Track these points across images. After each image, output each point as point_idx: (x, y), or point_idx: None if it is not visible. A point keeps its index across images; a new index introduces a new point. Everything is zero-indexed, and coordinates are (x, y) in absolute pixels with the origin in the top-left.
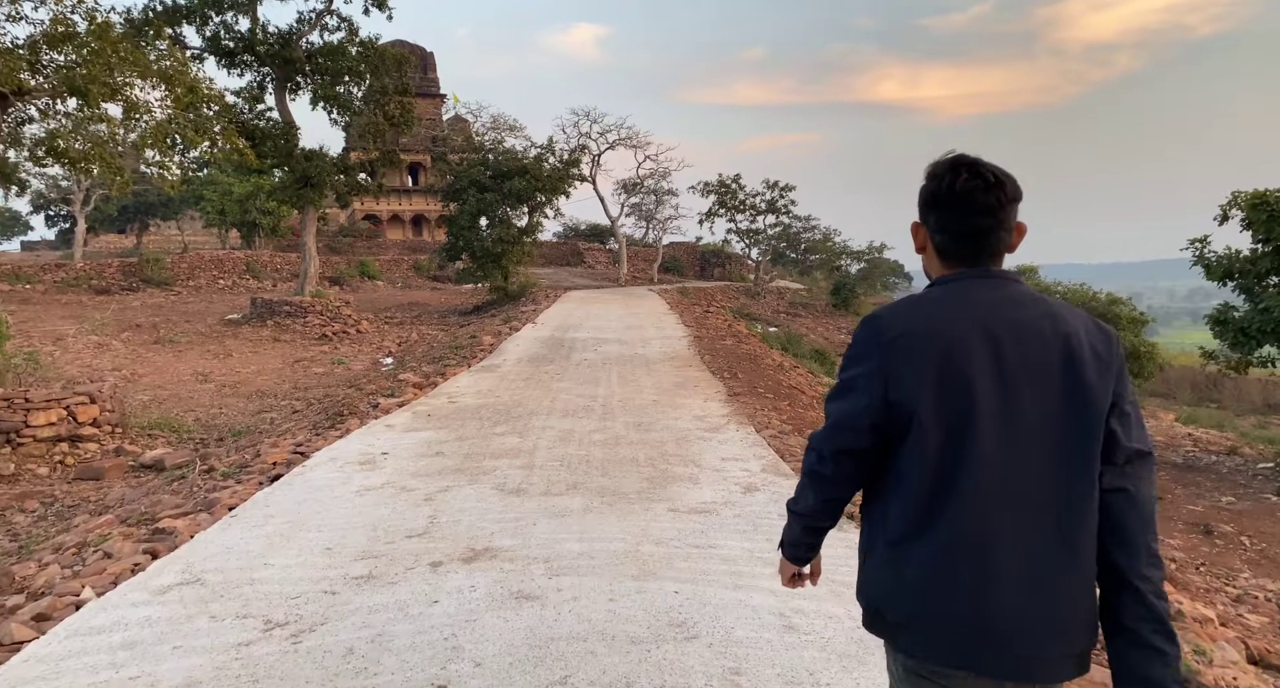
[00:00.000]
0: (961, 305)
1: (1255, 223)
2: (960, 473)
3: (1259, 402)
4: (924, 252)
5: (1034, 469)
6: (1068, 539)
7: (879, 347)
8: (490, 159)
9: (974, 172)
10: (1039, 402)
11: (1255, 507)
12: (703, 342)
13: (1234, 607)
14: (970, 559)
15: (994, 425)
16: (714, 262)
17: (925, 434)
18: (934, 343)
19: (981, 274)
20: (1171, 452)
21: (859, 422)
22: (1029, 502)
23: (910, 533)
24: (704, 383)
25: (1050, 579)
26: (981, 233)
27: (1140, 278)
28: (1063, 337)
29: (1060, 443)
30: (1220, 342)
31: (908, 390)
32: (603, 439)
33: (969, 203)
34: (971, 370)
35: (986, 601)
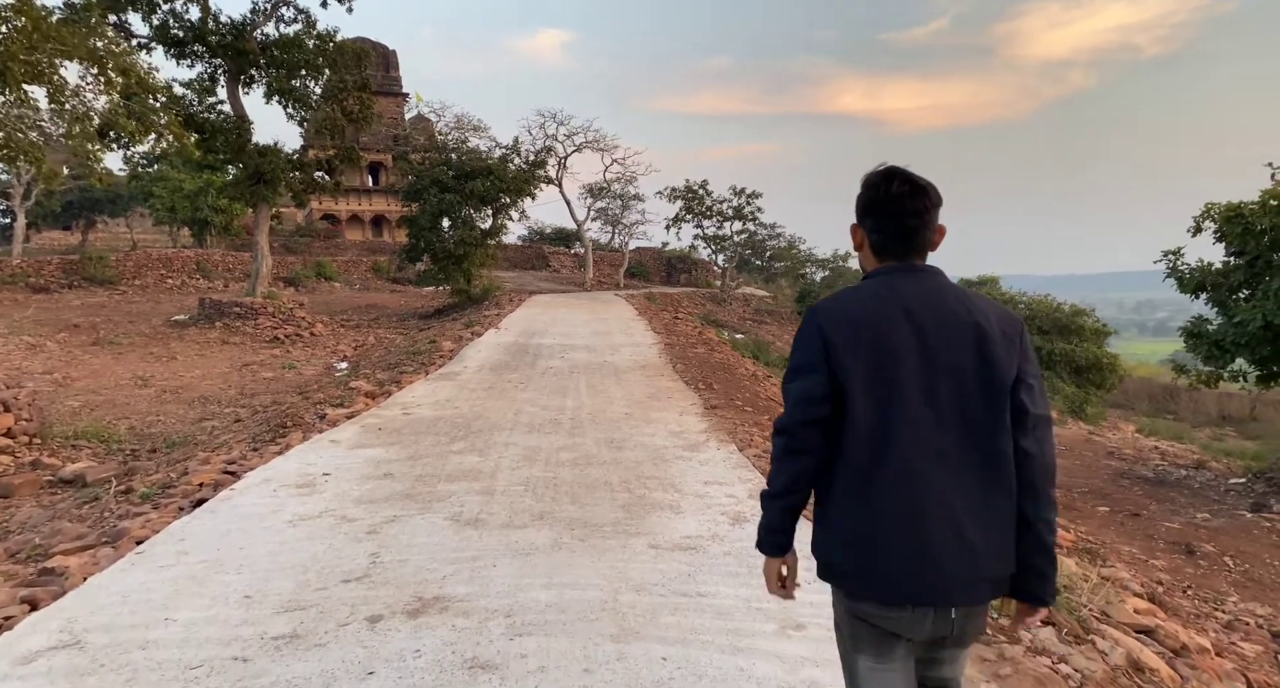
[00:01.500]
0: (891, 295)
1: (1229, 235)
2: (891, 439)
3: (1214, 414)
4: (861, 249)
5: (953, 434)
6: (985, 491)
7: (821, 332)
8: (453, 159)
9: (904, 180)
10: (955, 377)
11: (1231, 524)
12: (674, 349)
13: (1226, 634)
14: (904, 513)
15: (918, 397)
16: (680, 267)
17: (860, 407)
18: (867, 328)
19: (909, 268)
20: (1142, 466)
21: (815, 394)
22: (950, 461)
23: (853, 494)
24: (678, 394)
25: (972, 525)
26: (911, 232)
27: (1091, 289)
28: (975, 321)
29: (974, 411)
30: (1193, 354)
31: (846, 369)
32: (572, 459)
33: (900, 207)
34: (898, 351)
35: (919, 547)
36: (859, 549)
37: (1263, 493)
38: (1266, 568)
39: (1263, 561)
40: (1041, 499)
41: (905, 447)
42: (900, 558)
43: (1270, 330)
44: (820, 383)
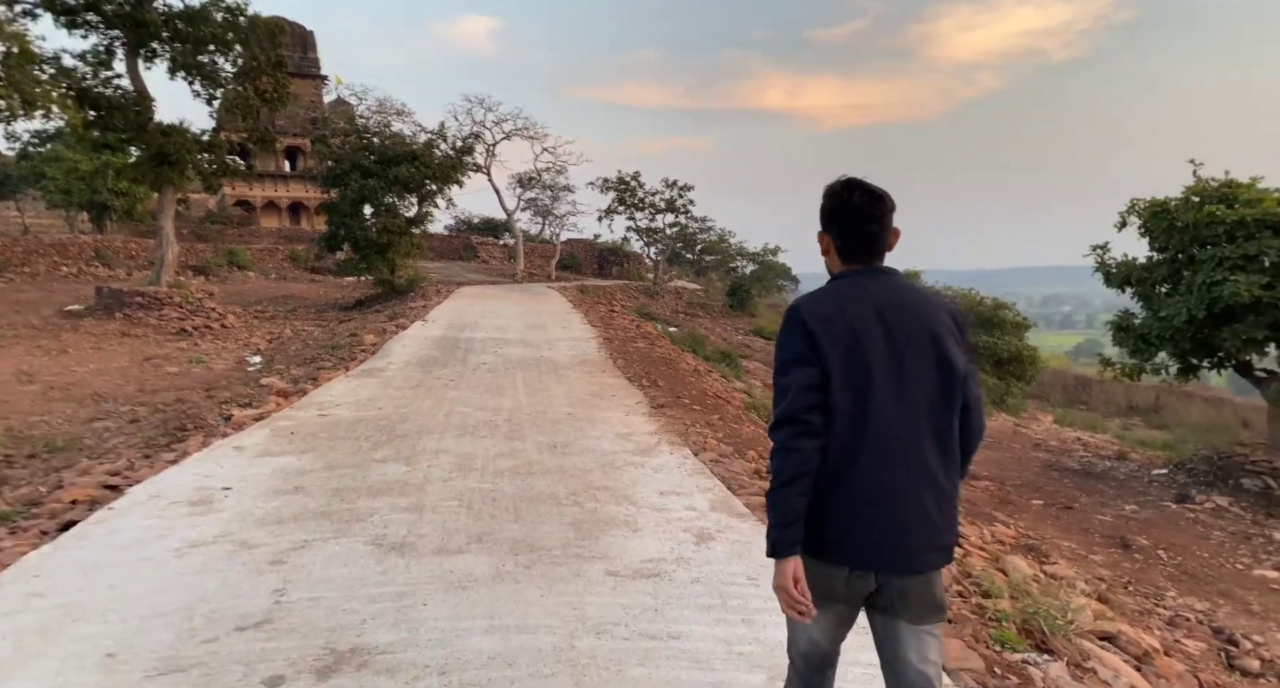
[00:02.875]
0: (861, 294)
1: (1154, 231)
2: (866, 425)
3: (1123, 404)
4: (828, 253)
5: (916, 419)
6: (942, 469)
7: (805, 327)
8: (375, 143)
9: (863, 191)
10: (917, 367)
11: (1159, 516)
12: (613, 344)
13: (1170, 631)
14: (878, 492)
15: (887, 387)
16: (612, 260)
17: (839, 395)
18: (843, 324)
19: (872, 270)
20: (1068, 457)
21: (813, 381)
22: (915, 443)
23: (833, 475)
24: (622, 392)
25: (931, 499)
26: (872, 238)
27: (1001, 284)
28: (931, 319)
29: (934, 398)
30: (1120, 348)
31: (828, 361)
32: (512, 467)
33: (861, 214)
34: (870, 345)
35: (890, 521)
36: (833, 519)
37: (1184, 484)
38: (1198, 561)
39: (1193, 553)
40: (968, 463)
41: (878, 432)
42: (873, 527)
43: (1193, 324)
44: (815, 372)
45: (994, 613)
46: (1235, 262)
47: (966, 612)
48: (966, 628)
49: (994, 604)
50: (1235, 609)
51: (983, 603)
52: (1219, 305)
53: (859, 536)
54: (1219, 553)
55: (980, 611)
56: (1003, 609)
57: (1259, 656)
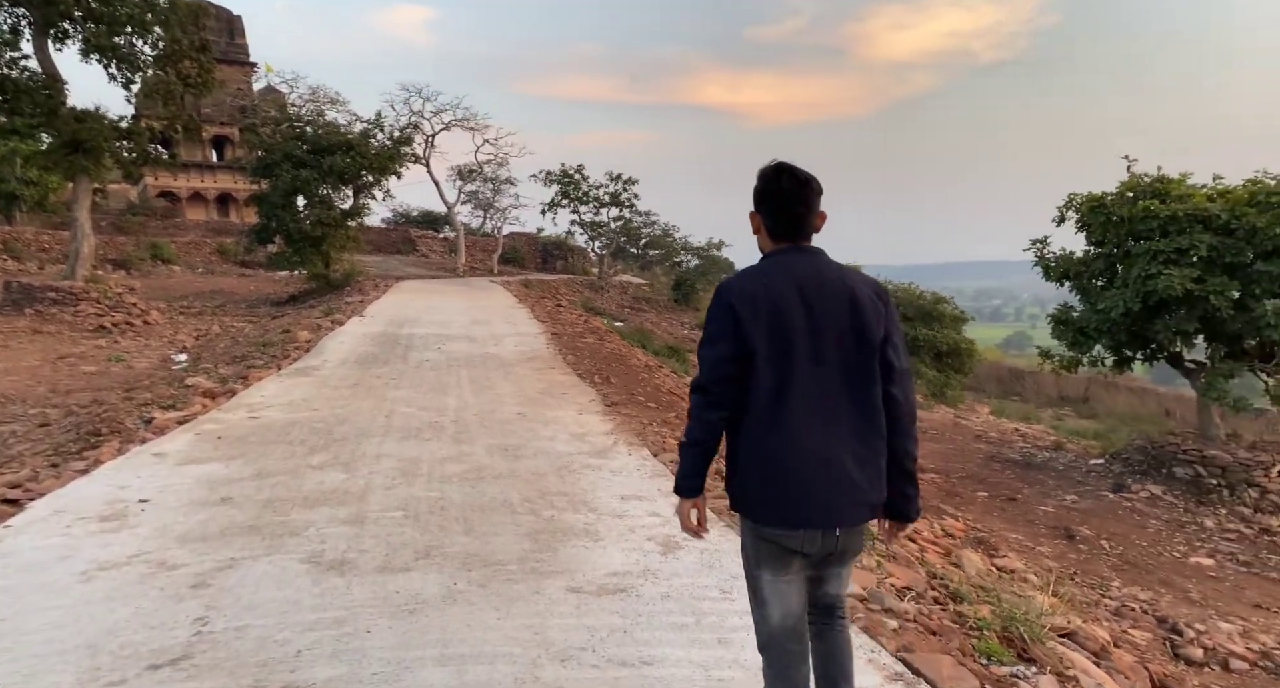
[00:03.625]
0: (784, 272)
1: (1092, 225)
2: (788, 392)
3: (1054, 395)
4: (759, 233)
5: (835, 386)
6: (862, 432)
7: (730, 306)
8: (308, 132)
9: (791, 174)
10: (835, 338)
11: (1098, 505)
12: (562, 339)
13: (1117, 622)
14: (801, 453)
15: (808, 357)
16: (556, 254)
17: (763, 366)
18: (766, 301)
19: (799, 249)
20: (1008, 449)
21: (726, 355)
22: (834, 408)
23: (759, 439)
24: (574, 389)
25: (853, 461)
26: (798, 219)
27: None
28: (850, 292)
29: (852, 366)
30: (1059, 341)
31: (751, 336)
32: (461, 472)
33: (790, 197)
34: (792, 319)
35: (813, 481)
36: (766, 484)
37: (1120, 474)
38: (1138, 550)
39: (1133, 542)
40: (906, 437)
41: (800, 398)
42: (799, 489)
43: (1129, 317)
44: (730, 349)
45: (974, 621)
46: (1168, 256)
47: (948, 622)
48: (953, 641)
49: (973, 612)
50: (1176, 598)
51: (961, 611)
52: (1153, 298)
53: (790, 496)
54: (1157, 542)
55: (960, 619)
56: (983, 617)
57: (1201, 644)
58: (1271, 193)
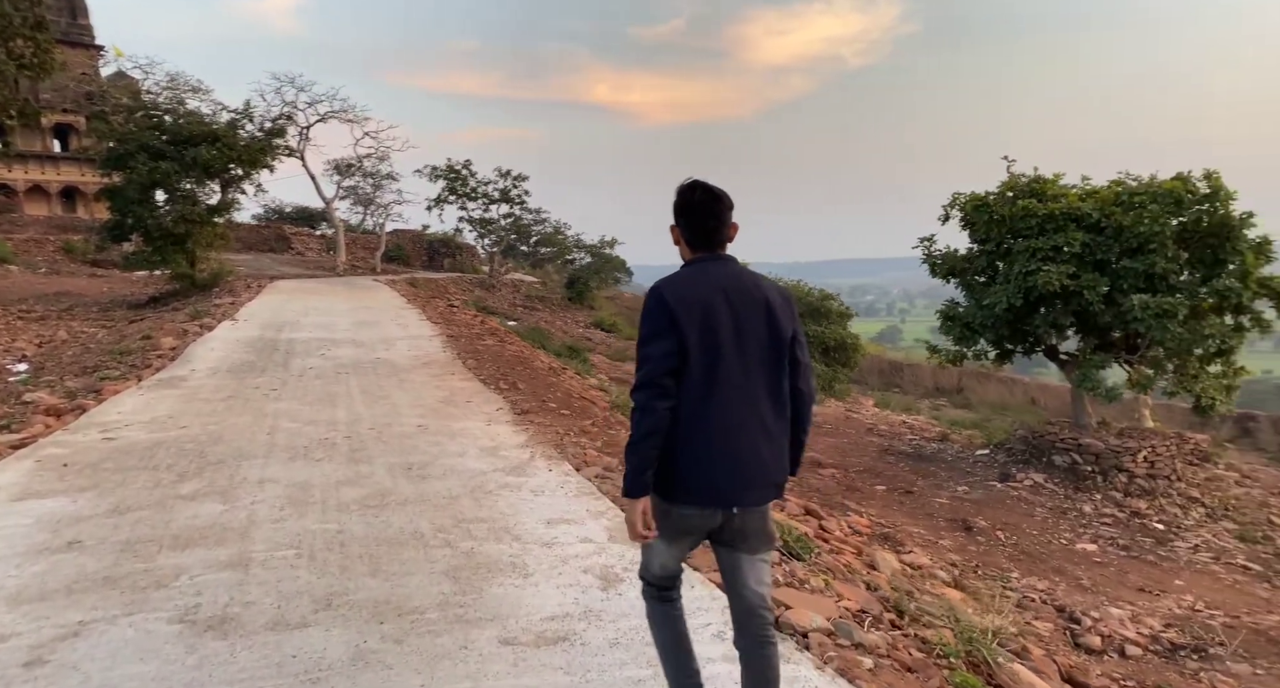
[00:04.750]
0: (708, 278)
1: (975, 223)
2: (715, 386)
3: (930, 386)
4: (679, 243)
5: (754, 379)
6: (774, 419)
7: (667, 305)
8: (167, 121)
9: (705, 191)
10: (754, 337)
11: (988, 495)
12: (459, 342)
13: (1021, 614)
14: (724, 440)
15: (733, 354)
16: (443, 252)
17: (694, 362)
18: (695, 303)
19: (715, 257)
20: (899, 441)
21: (671, 350)
22: (755, 399)
23: (687, 428)
24: (478, 397)
25: (769, 445)
26: (713, 230)
27: (815, 276)
28: (763, 296)
29: (767, 362)
30: (947, 336)
31: (685, 334)
32: (360, 498)
33: (704, 211)
34: (719, 320)
35: (726, 462)
36: (692, 467)
37: (1005, 463)
38: (1030, 539)
39: (1025, 532)
40: (806, 421)
41: (725, 390)
42: (720, 471)
43: (1011, 312)
44: (673, 344)
45: (940, 649)
46: (1046, 253)
47: (917, 653)
48: (932, 679)
49: (937, 638)
50: (1070, 586)
51: (923, 636)
52: (1033, 294)
53: (709, 478)
54: (1045, 530)
55: (925, 646)
56: (947, 643)
57: (1099, 632)
58: (1134, 193)
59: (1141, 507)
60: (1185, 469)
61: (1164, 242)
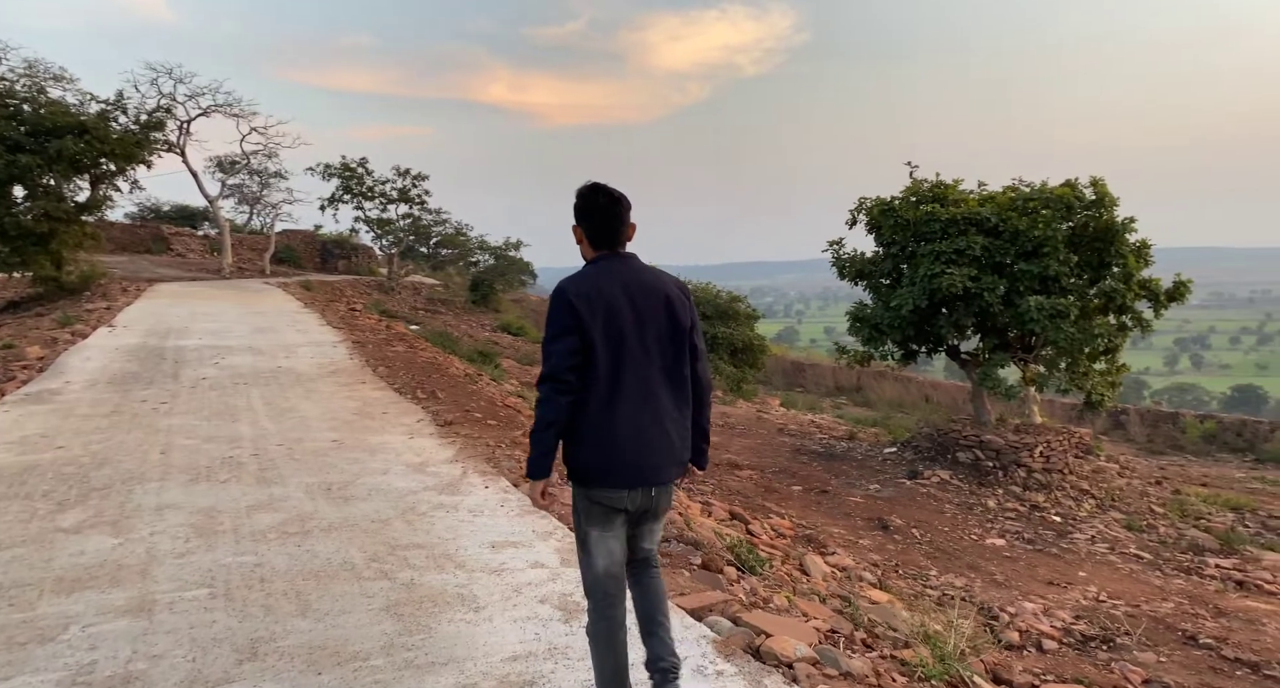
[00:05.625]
0: (610, 275)
1: (882, 227)
2: (622, 375)
3: (831, 385)
4: (582, 243)
5: (657, 368)
6: (677, 404)
7: (571, 304)
8: (26, 111)
9: (605, 193)
10: (655, 328)
11: (900, 493)
12: (366, 348)
13: (942, 612)
14: (632, 425)
15: (636, 345)
16: (338, 253)
17: (601, 354)
18: (599, 299)
19: (617, 256)
20: (810, 440)
21: (573, 347)
22: (656, 386)
23: (598, 416)
24: (394, 408)
25: (675, 427)
26: (615, 230)
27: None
28: (663, 290)
29: (668, 351)
30: (855, 337)
31: (590, 329)
32: (278, 525)
33: (606, 212)
34: (622, 314)
35: (641, 445)
36: (604, 453)
37: (912, 461)
38: (944, 536)
39: (938, 529)
40: (705, 406)
41: (630, 379)
42: (631, 455)
43: (917, 314)
44: (575, 340)
45: (921, 671)
46: (949, 256)
47: (898, 676)
48: None
49: (917, 659)
50: (985, 582)
51: (903, 657)
52: (938, 296)
53: (631, 462)
54: (955, 526)
55: (907, 668)
56: (926, 663)
57: (1017, 627)
58: (1028, 199)
59: (1040, 500)
60: (1075, 463)
61: (1056, 245)
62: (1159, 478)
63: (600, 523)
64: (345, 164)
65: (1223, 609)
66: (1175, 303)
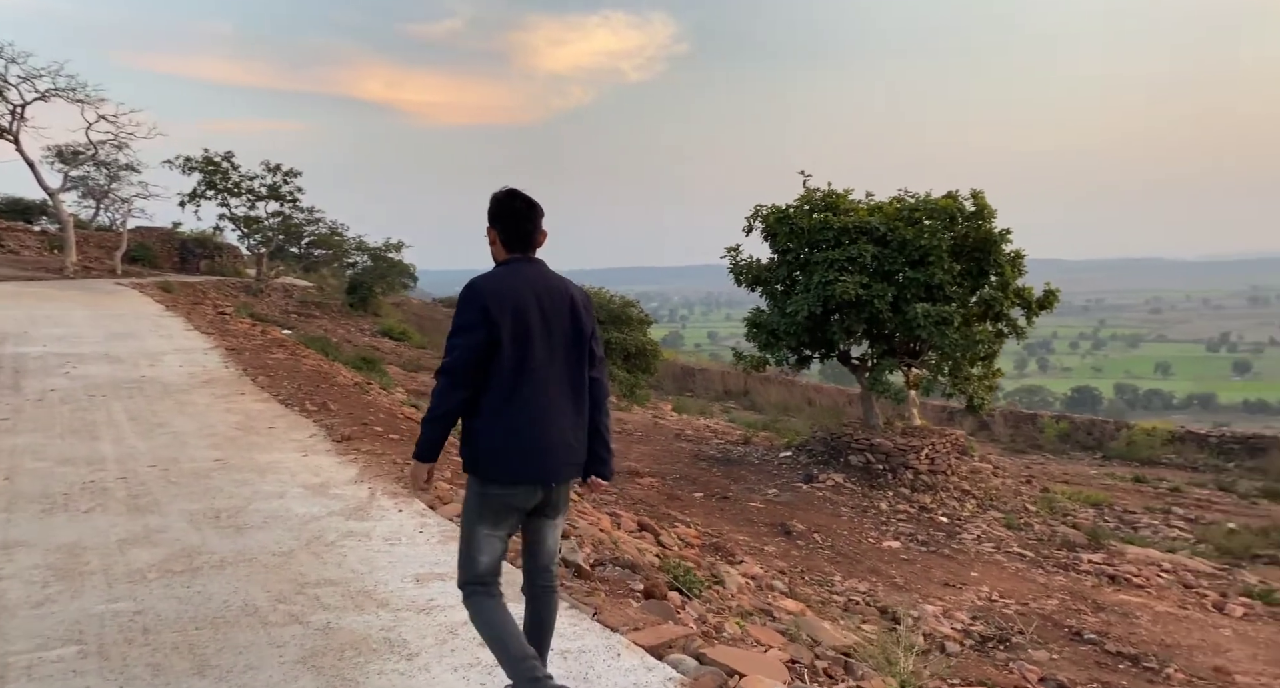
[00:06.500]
0: (520, 277)
1: (777, 235)
2: (524, 374)
3: (720, 389)
4: (494, 245)
5: (559, 368)
6: (578, 405)
7: (481, 301)
8: None
9: (521, 199)
10: (560, 331)
11: (797, 497)
12: (243, 356)
13: (848, 617)
14: (531, 422)
15: (541, 346)
16: (200, 253)
17: (506, 352)
18: (509, 298)
19: (527, 259)
20: (707, 446)
21: (476, 343)
22: (557, 387)
23: (498, 412)
24: (282, 421)
25: (570, 428)
26: (527, 235)
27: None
28: (569, 295)
29: (571, 353)
30: (752, 343)
31: (498, 327)
32: (159, 562)
33: (520, 217)
34: (529, 315)
35: (539, 442)
36: (501, 448)
37: (807, 464)
38: (844, 540)
39: (837, 533)
40: (603, 411)
41: (533, 379)
42: (530, 451)
43: (811, 320)
44: (482, 336)
45: None
46: (842, 264)
47: None
48: None
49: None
50: (886, 585)
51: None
52: (832, 302)
53: (530, 459)
54: (853, 530)
55: None
56: None
57: (921, 631)
58: (913, 209)
59: (927, 501)
60: (956, 464)
61: (941, 254)
62: (1028, 477)
63: (491, 521)
64: (208, 157)
65: (1101, 604)
66: (1045, 311)
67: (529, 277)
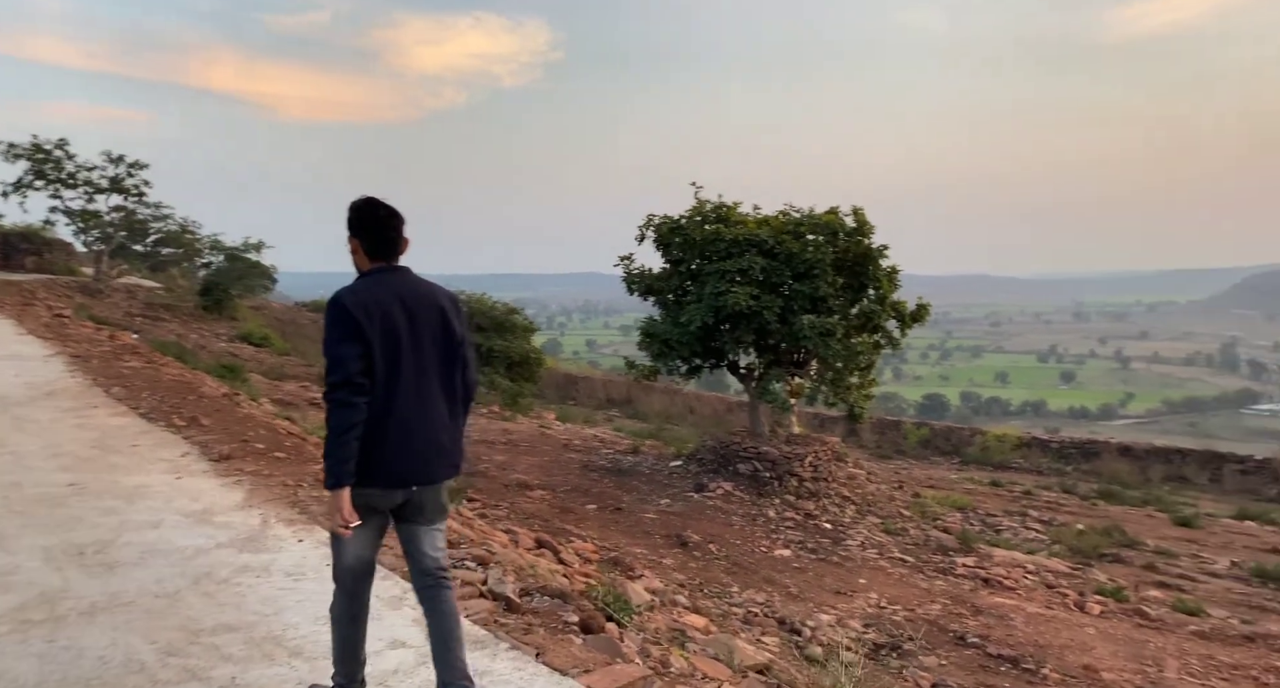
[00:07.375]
0: (386, 286)
1: (670, 245)
2: (397, 382)
3: (603, 398)
4: (357, 254)
5: (430, 374)
6: (450, 410)
7: (350, 313)
8: None
9: (384, 208)
10: (431, 336)
11: (690, 507)
12: (91, 364)
13: (749, 629)
14: (404, 429)
15: (411, 353)
16: (25, 248)
17: (378, 362)
18: (377, 308)
19: (392, 267)
20: (596, 456)
21: (359, 353)
22: (432, 392)
23: (376, 419)
24: (147, 438)
25: (445, 432)
26: (391, 243)
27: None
28: (438, 301)
29: (441, 359)
30: (645, 352)
31: (369, 338)
32: (11, 611)
33: (383, 225)
34: (397, 324)
35: (413, 449)
36: (376, 453)
37: (697, 474)
38: (737, 550)
39: (731, 542)
40: (467, 410)
41: (405, 385)
42: (395, 458)
43: (704, 330)
44: (360, 347)
45: None
46: (734, 275)
47: None
48: None
49: None
50: (782, 595)
51: None
52: (723, 313)
53: (392, 464)
54: (746, 539)
55: None
56: None
57: (819, 641)
58: (799, 224)
59: (811, 508)
60: (835, 471)
61: (825, 268)
62: (899, 482)
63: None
64: (37, 144)
65: (979, 607)
66: (918, 324)
67: (394, 286)
